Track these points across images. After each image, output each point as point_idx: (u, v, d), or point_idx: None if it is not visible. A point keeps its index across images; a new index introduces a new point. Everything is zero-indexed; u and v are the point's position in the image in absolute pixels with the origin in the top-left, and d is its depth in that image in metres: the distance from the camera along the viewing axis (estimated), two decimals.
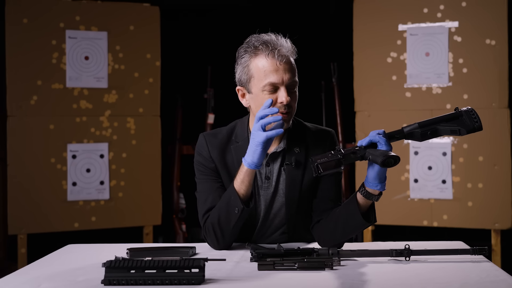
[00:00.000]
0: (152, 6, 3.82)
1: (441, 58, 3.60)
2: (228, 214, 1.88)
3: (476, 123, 1.73)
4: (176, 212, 3.99)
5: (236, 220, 1.87)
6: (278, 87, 1.88)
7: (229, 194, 1.89)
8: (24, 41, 3.56)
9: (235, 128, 2.05)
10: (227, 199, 1.89)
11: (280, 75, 1.88)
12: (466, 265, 1.67)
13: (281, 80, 1.88)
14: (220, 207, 1.90)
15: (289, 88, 1.90)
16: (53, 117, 3.60)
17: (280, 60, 1.88)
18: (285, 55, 1.89)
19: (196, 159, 2.04)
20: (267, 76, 1.88)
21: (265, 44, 1.89)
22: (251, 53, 1.91)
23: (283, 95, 1.87)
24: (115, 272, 1.48)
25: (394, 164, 1.65)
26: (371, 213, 1.83)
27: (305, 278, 1.56)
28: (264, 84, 1.89)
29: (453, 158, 3.58)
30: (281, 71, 1.88)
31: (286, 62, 1.89)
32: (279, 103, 1.88)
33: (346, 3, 3.96)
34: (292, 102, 1.91)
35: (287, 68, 1.89)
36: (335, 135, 2.08)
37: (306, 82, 4.35)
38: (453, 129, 1.73)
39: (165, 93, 3.95)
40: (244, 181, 1.86)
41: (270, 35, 1.93)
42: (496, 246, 3.51)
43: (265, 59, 1.88)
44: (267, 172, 2.00)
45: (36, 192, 3.55)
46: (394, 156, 1.64)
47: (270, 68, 1.88)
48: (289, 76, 1.89)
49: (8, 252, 4.10)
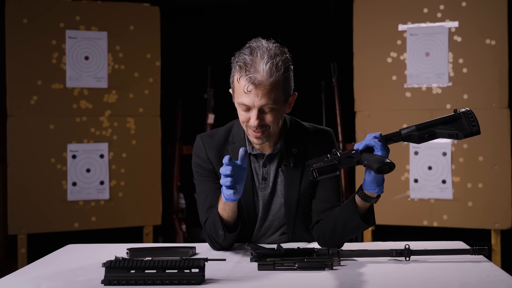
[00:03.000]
0: (152, 6, 3.82)
1: (441, 58, 3.60)
2: (216, 231, 1.88)
3: (474, 127, 1.71)
4: (176, 212, 3.99)
5: (223, 240, 1.88)
6: (250, 108, 1.86)
7: (215, 215, 1.87)
8: (24, 41, 3.56)
9: (232, 128, 2.05)
10: (213, 218, 1.88)
11: (252, 99, 1.83)
12: (466, 265, 1.67)
13: (252, 103, 1.84)
14: (210, 223, 1.91)
15: (263, 110, 1.85)
16: (53, 117, 3.60)
17: (251, 85, 1.81)
18: (258, 80, 1.81)
19: (194, 161, 2.04)
20: (240, 96, 1.86)
21: (243, 63, 1.84)
22: (236, 66, 1.88)
23: (253, 118, 1.85)
24: (115, 272, 1.48)
25: (389, 171, 1.64)
26: (370, 215, 1.83)
27: (305, 278, 1.56)
28: (237, 102, 1.88)
29: (453, 158, 3.58)
30: (252, 95, 1.83)
31: (259, 87, 1.81)
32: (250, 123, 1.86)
33: (346, 3, 3.96)
34: (267, 122, 1.86)
35: (260, 93, 1.82)
36: (333, 135, 2.08)
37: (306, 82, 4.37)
38: (451, 133, 1.72)
39: (165, 93, 3.95)
40: (225, 209, 1.84)
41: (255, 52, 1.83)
42: (496, 246, 3.51)
43: (240, 79, 1.85)
44: (264, 173, 2.00)
45: (36, 192, 3.55)
46: (389, 163, 1.63)
47: (242, 89, 1.84)
48: (262, 101, 1.82)
49: (8, 252, 4.10)
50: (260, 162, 2.01)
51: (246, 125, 1.90)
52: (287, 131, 2.01)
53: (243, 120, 1.90)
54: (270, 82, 1.82)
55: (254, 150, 2.00)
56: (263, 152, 2.00)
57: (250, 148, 2.00)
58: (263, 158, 2.00)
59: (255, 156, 2.01)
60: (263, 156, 2.00)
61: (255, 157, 2.01)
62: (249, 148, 2.00)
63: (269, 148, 2.00)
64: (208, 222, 1.93)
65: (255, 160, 2.01)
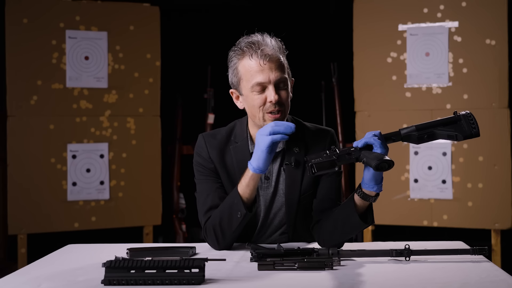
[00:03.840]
0: (152, 6, 3.82)
1: (441, 58, 3.60)
2: (230, 217, 1.87)
3: (473, 129, 1.72)
4: (176, 212, 3.99)
5: (238, 224, 1.87)
6: (266, 86, 1.88)
7: (232, 197, 1.88)
8: (24, 41, 3.56)
9: (234, 128, 2.05)
10: (230, 202, 1.88)
11: (266, 74, 1.87)
12: (466, 265, 1.67)
13: (268, 79, 1.87)
14: (223, 210, 1.90)
15: (278, 86, 1.89)
16: (53, 117, 3.61)
17: (264, 59, 1.87)
18: (269, 54, 1.88)
19: (196, 160, 2.04)
20: (254, 77, 1.88)
21: (249, 45, 1.89)
22: (238, 56, 1.92)
23: (271, 94, 1.87)
24: (115, 272, 1.48)
25: (388, 168, 1.63)
26: (368, 214, 1.83)
27: (305, 278, 1.56)
28: (252, 85, 1.89)
29: (453, 158, 3.58)
30: (267, 70, 1.87)
31: (272, 60, 1.88)
32: (268, 102, 1.88)
33: (346, 3, 3.96)
34: (283, 99, 1.90)
35: (273, 66, 1.88)
36: (335, 135, 2.08)
37: (306, 82, 4.37)
38: (450, 134, 1.73)
39: (165, 93, 3.95)
40: (249, 185, 1.85)
41: (257, 35, 1.93)
42: (496, 246, 3.51)
43: (250, 59, 1.89)
44: (267, 172, 2.00)
45: (36, 192, 3.55)
46: (388, 160, 1.63)
47: (255, 68, 1.88)
48: (276, 74, 1.88)
49: (8, 252, 4.10)
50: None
51: (262, 108, 1.90)
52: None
53: (259, 103, 1.89)
54: (279, 56, 1.90)
55: None
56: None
57: (253, 147, 2.00)
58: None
59: None
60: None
61: None
62: (252, 147, 2.00)
63: None
64: (215, 214, 1.92)
65: None
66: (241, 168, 1.96)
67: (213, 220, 1.92)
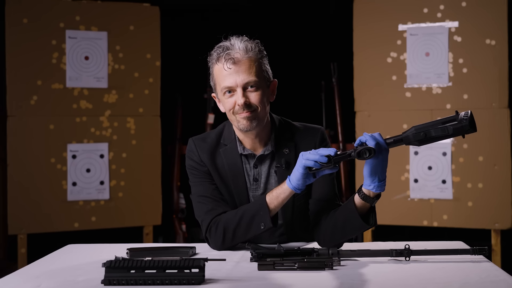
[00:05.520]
0: (152, 6, 3.82)
1: (441, 58, 3.60)
2: (249, 225, 1.87)
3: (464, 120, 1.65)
4: (176, 212, 3.99)
5: (257, 234, 1.88)
6: (235, 90, 1.89)
7: (257, 206, 1.87)
8: (24, 41, 3.56)
9: (223, 130, 2.06)
10: (255, 211, 1.87)
11: (233, 78, 1.88)
12: (466, 265, 1.67)
13: (235, 82, 1.88)
14: (243, 216, 1.88)
15: (247, 88, 1.89)
16: (53, 117, 3.61)
17: (229, 63, 1.87)
18: (234, 57, 1.88)
19: (188, 163, 2.04)
20: (223, 81, 1.90)
21: (217, 49, 1.91)
22: (212, 60, 1.95)
23: (238, 97, 1.88)
24: (115, 272, 1.48)
25: (369, 156, 1.67)
26: (370, 216, 1.82)
27: (305, 278, 1.56)
28: (221, 89, 1.91)
29: (453, 158, 3.58)
30: (233, 73, 1.88)
31: (238, 63, 1.88)
32: (237, 105, 1.89)
33: (346, 3, 3.96)
34: (253, 101, 1.89)
35: (240, 69, 1.88)
36: (325, 132, 2.06)
37: (306, 82, 4.37)
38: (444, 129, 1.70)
39: (165, 93, 3.95)
40: (279, 197, 1.85)
41: (231, 39, 1.93)
42: (496, 246, 3.51)
43: (217, 64, 1.91)
44: (255, 174, 2.00)
45: (36, 192, 3.55)
46: (368, 147, 1.67)
47: (223, 72, 1.89)
48: (242, 77, 1.88)
49: (8, 252, 4.10)
50: (251, 163, 2.01)
51: (233, 111, 1.91)
52: (277, 132, 2.01)
53: (229, 107, 1.91)
54: (247, 58, 1.89)
55: (245, 150, 2.00)
56: (254, 153, 2.00)
57: (242, 148, 2.00)
58: (254, 158, 2.00)
59: (246, 156, 2.01)
60: (254, 157, 2.00)
61: (246, 157, 2.01)
62: (240, 148, 2.00)
63: (260, 148, 2.00)
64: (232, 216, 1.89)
65: (246, 161, 2.01)
66: (232, 170, 1.98)
67: (227, 222, 1.90)
